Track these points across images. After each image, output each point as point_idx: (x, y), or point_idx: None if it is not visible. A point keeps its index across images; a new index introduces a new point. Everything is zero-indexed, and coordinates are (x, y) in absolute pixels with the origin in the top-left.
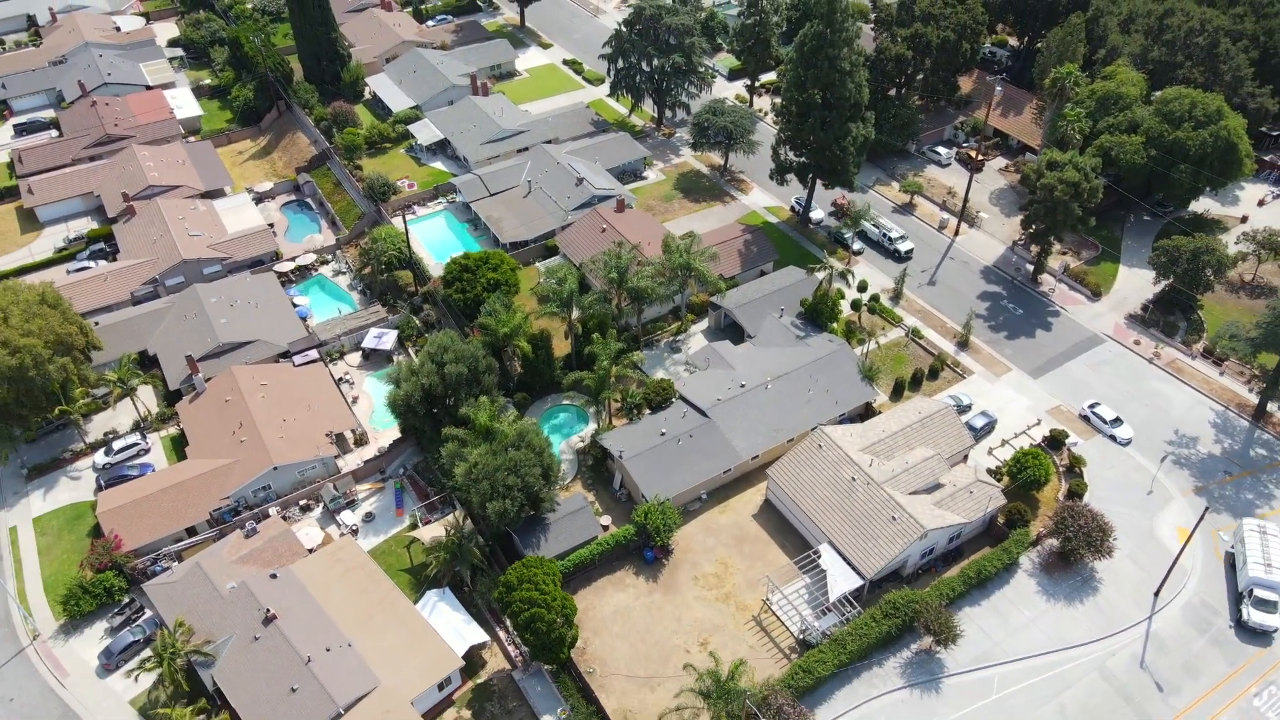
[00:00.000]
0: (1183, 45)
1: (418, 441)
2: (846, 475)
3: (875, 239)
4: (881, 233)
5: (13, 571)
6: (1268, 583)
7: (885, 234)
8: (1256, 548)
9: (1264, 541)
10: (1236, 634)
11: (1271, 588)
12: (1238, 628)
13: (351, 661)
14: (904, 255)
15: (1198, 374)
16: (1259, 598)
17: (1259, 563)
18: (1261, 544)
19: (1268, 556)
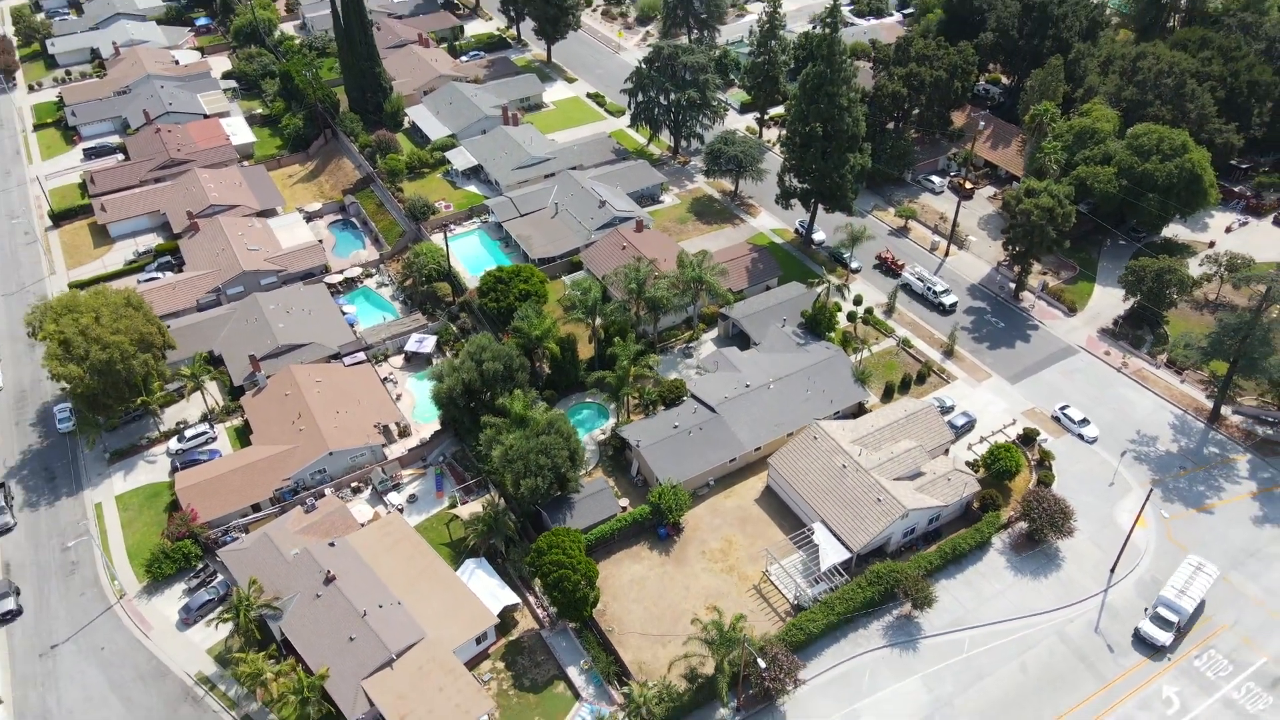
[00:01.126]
0: (1152, 85)
1: (456, 433)
2: (838, 463)
3: (920, 292)
4: (926, 286)
5: (99, 541)
6: (1174, 605)
7: (930, 287)
8: (1182, 576)
9: (1192, 575)
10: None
11: (1175, 610)
12: (1135, 638)
13: (401, 616)
14: (948, 308)
15: (1161, 381)
16: (1159, 614)
17: (1175, 587)
18: (1189, 575)
19: (1186, 586)
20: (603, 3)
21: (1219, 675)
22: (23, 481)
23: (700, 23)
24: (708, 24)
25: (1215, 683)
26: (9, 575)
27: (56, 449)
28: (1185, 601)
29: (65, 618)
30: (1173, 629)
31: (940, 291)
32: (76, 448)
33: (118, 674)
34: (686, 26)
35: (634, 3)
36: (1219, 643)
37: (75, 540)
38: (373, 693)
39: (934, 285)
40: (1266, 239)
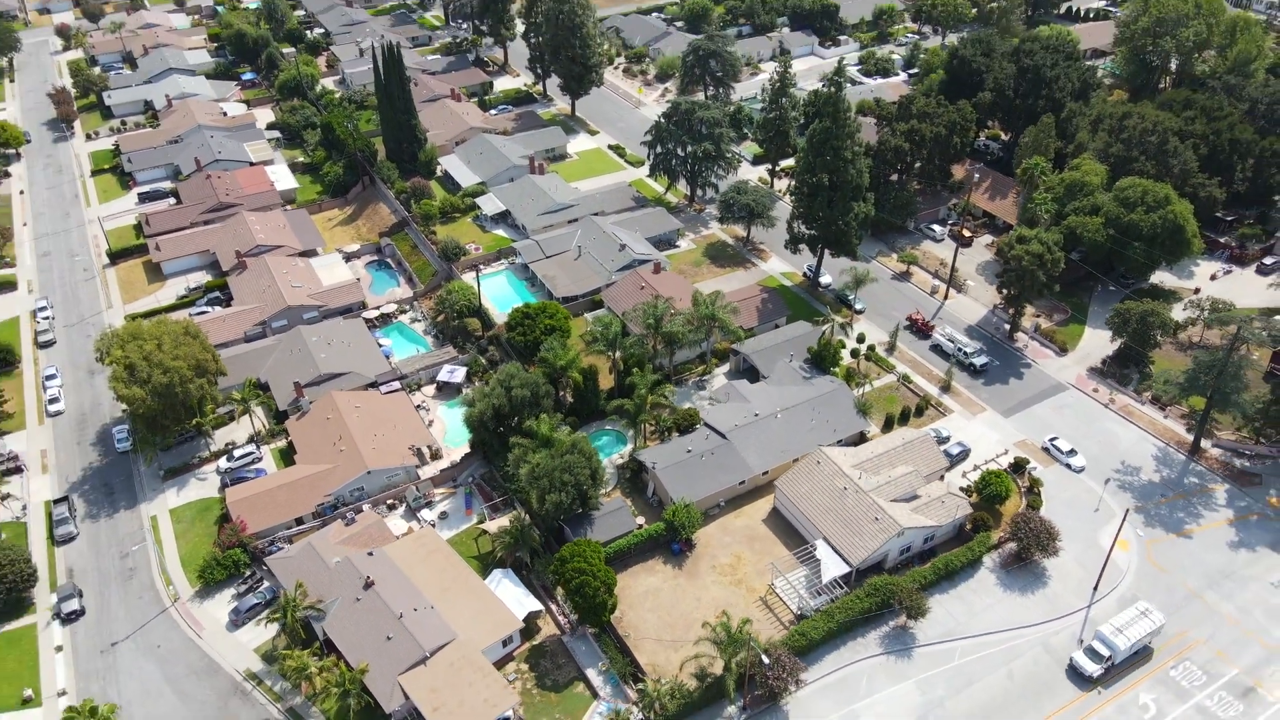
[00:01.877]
0: (1138, 142)
1: (484, 455)
2: (839, 485)
3: (950, 352)
4: (957, 347)
5: (155, 551)
6: (1108, 640)
7: (961, 349)
8: (1125, 617)
9: (1135, 618)
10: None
11: (1108, 645)
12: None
13: (434, 619)
14: (979, 369)
15: (1145, 416)
16: (1093, 647)
17: (1115, 625)
18: (1132, 618)
19: (1125, 626)
20: (624, 61)
21: (1193, 684)
22: (84, 495)
23: (716, 81)
24: (723, 82)
25: (1189, 691)
26: (73, 579)
27: (115, 466)
28: (1119, 640)
29: (124, 618)
30: (1103, 662)
31: (971, 353)
32: (133, 465)
33: (172, 669)
34: (703, 84)
35: (654, 61)
36: (1194, 655)
37: (135, 547)
38: (408, 687)
39: (965, 347)
40: (1249, 286)
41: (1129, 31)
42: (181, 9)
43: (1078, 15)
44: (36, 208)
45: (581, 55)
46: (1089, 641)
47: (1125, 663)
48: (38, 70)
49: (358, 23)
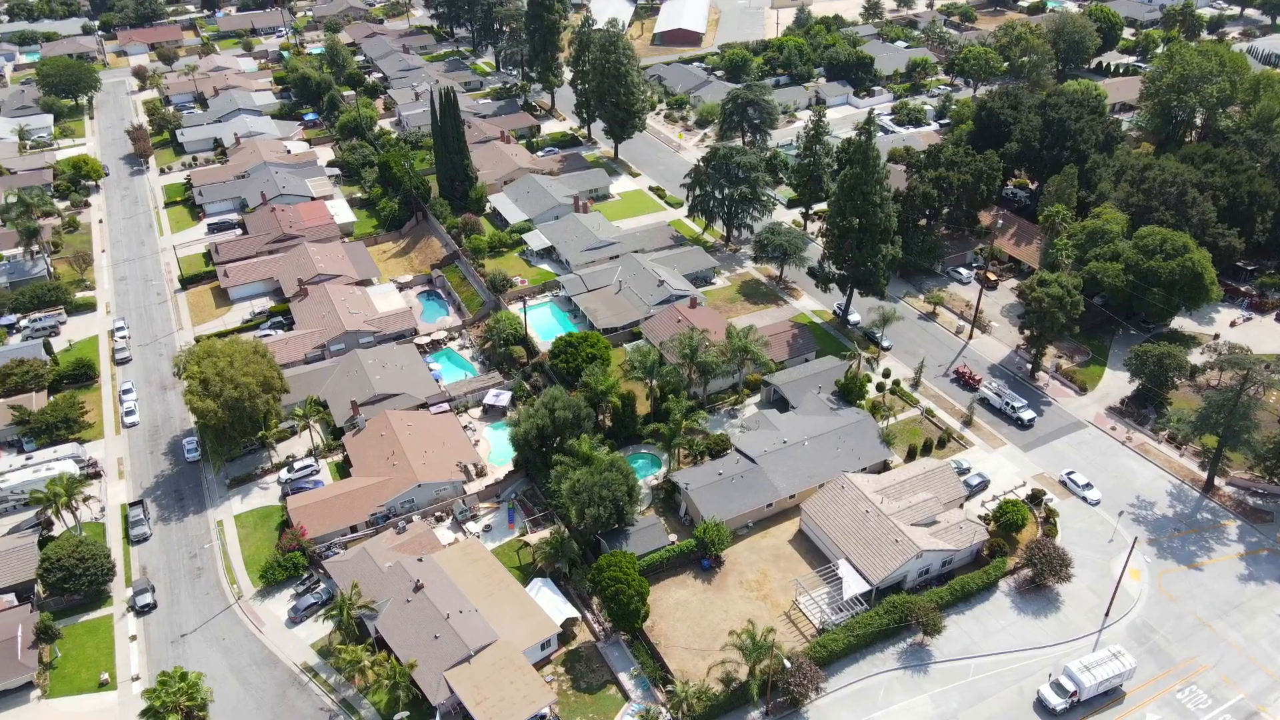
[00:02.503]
0: (1157, 193)
1: (527, 473)
2: (862, 509)
3: (998, 407)
4: (1005, 401)
5: (220, 552)
6: (1075, 676)
7: (1008, 403)
8: (1096, 657)
9: (1106, 659)
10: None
11: (1074, 681)
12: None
13: (478, 621)
14: (1026, 424)
15: (1161, 455)
16: (1059, 682)
17: (1082, 664)
18: (1102, 658)
19: (1092, 665)
20: (666, 107)
21: (1199, 707)
22: (157, 500)
23: (754, 127)
24: (760, 129)
25: (1195, 713)
26: (146, 575)
27: (185, 475)
28: (1085, 677)
29: (192, 612)
30: (1068, 697)
31: (1019, 407)
32: (201, 474)
33: (236, 660)
34: (741, 130)
35: (694, 108)
36: (1201, 680)
37: (205, 546)
38: (453, 682)
39: (1012, 401)
40: (1268, 334)
41: (1154, 87)
42: (249, 54)
43: (1107, 70)
44: (114, 236)
45: (625, 102)
46: (1056, 675)
47: (1095, 701)
48: (116, 108)
49: (414, 68)
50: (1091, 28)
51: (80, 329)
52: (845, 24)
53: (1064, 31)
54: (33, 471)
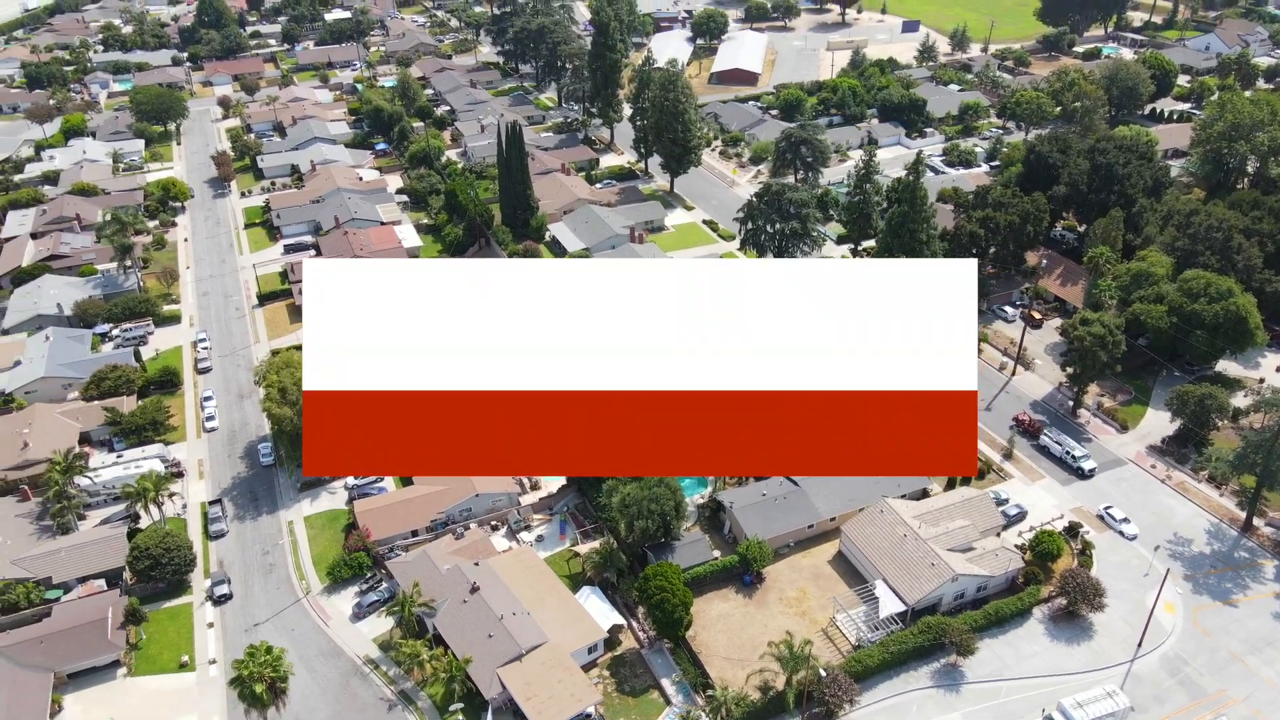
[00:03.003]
0: (1203, 238)
1: (579, 489)
2: (900, 533)
3: (1058, 455)
4: (1065, 450)
5: (291, 550)
6: (1067, 713)
7: (1069, 451)
8: (1088, 695)
9: (1099, 696)
10: None
11: (1066, 717)
12: None
13: (529, 623)
14: (1087, 473)
15: (1200, 493)
16: (1051, 717)
17: (1075, 700)
18: (1095, 695)
19: (1085, 702)
20: (721, 144)
21: None
22: (233, 500)
23: (806, 165)
24: (813, 167)
25: None
26: (223, 568)
27: (259, 478)
28: (1078, 714)
29: (265, 604)
30: None
31: (1079, 456)
32: (274, 477)
33: (304, 650)
34: (794, 168)
35: (748, 145)
36: (1231, 712)
37: (281, 542)
38: (506, 678)
39: (1072, 450)
40: None
41: (1206, 134)
42: (326, 85)
43: (1161, 116)
44: (198, 254)
45: (682, 138)
46: (1050, 711)
47: None
48: (201, 135)
49: (480, 102)
50: (1145, 75)
51: (166, 339)
52: (899, 67)
53: (1117, 78)
54: (123, 468)
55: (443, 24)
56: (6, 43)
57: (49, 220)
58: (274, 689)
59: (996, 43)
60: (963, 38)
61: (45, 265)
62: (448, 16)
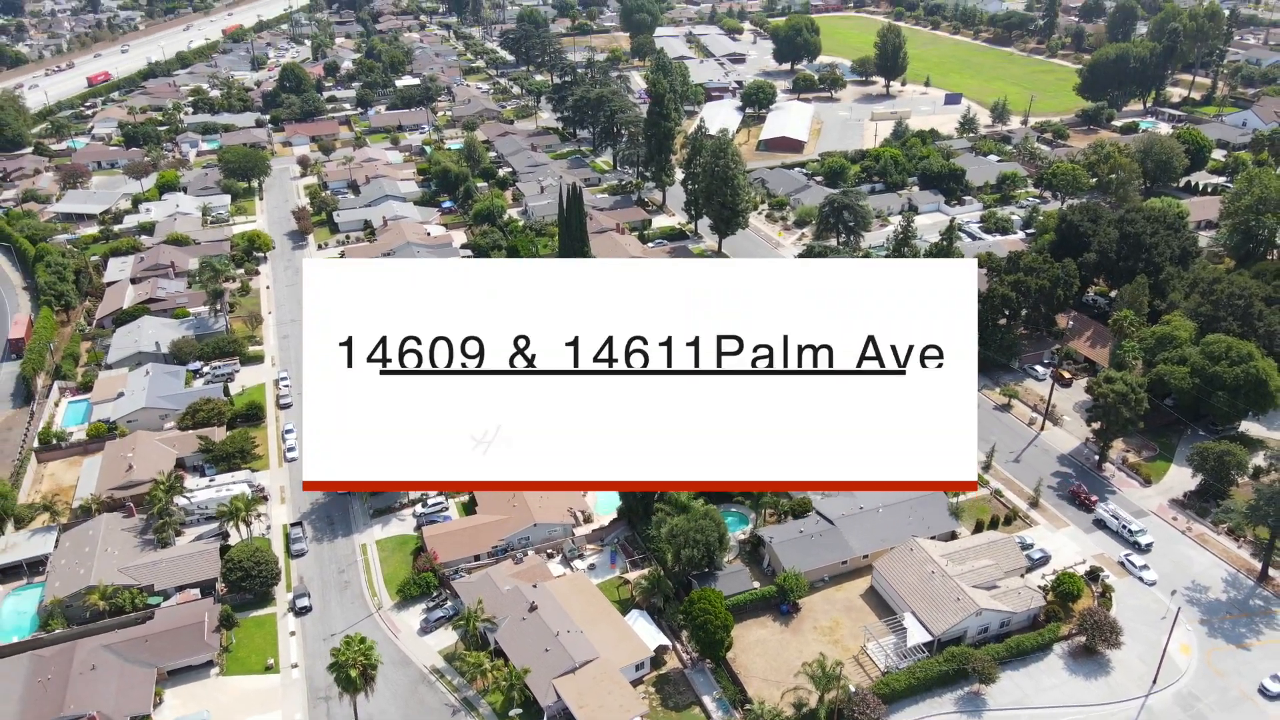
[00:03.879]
0: (1225, 304)
1: (629, 521)
2: (928, 570)
3: (1115, 529)
4: (1121, 524)
5: (364, 570)
6: None
7: (1125, 525)
8: None
9: None
10: None
11: None
12: None
13: (582, 640)
14: (1145, 548)
15: (1220, 545)
16: None
17: None
18: None
19: None
20: (767, 208)
21: None
22: (312, 523)
23: (848, 229)
24: (854, 230)
25: None
26: (303, 583)
27: (335, 504)
28: None
29: (340, 617)
30: None
31: (1136, 531)
32: (348, 504)
33: None
34: (836, 232)
35: (793, 210)
36: None
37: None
38: (560, 689)
39: (1129, 524)
40: None
41: (1234, 207)
42: (396, 147)
43: (1196, 189)
44: (279, 300)
45: (731, 201)
46: None
47: None
48: (281, 191)
49: (540, 165)
50: (1179, 149)
51: (251, 377)
52: (940, 137)
53: (1151, 152)
54: (214, 491)
55: (505, 91)
56: (105, 104)
57: (146, 267)
58: (365, 675)
59: (1036, 116)
60: (1003, 111)
61: (144, 307)
62: (510, 84)
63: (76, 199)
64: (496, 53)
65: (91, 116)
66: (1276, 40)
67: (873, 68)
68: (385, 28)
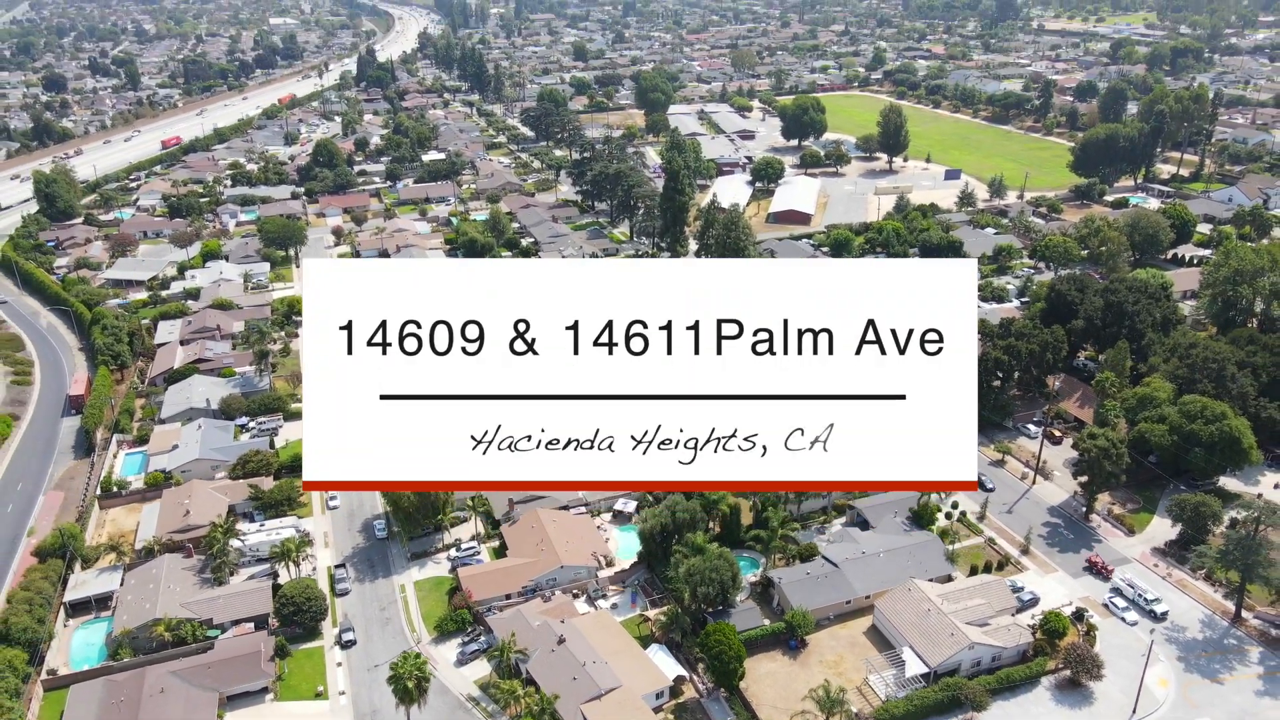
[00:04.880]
0: (1200, 367)
1: (648, 565)
2: (925, 608)
3: (1130, 598)
4: (1137, 593)
5: (403, 608)
6: None
7: (1141, 594)
8: None
9: None
10: None
11: None
12: None
13: (606, 670)
14: (1159, 616)
15: (1197, 589)
16: None
17: None
18: None
19: None
20: None
21: None
22: (354, 565)
23: None
24: None
25: None
26: (348, 619)
27: (375, 549)
28: None
29: (383, 650)
30: None
31: (1151, 600)
32: (387, 549)
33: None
34: None
35: None
36: None
37: (396, 599)
38: (588, 713)
39: (1145, 593)
40: None
41: (1213, 278)
42: (424, 218)
43: (1182, 261)
44: None
45: None
46: None
47: None
48: None
49: (561, 235)
50: (1164, 224)
51: (294, 432)
52: (940, 211)
53: (1139, 226)
54: (265, 535)
55: (526, 165)
56: (148, 177)
57: (193, 330)
58: (419, 686)
59: (1032, 191)
60: (1000, 186)
61: (193, 367)
62: (531, 159)
63: (126, 266)
64: (518, 129)
65: (136, 189)
66: (1263, 120)
67: (876, 144)
68: (411, 105)
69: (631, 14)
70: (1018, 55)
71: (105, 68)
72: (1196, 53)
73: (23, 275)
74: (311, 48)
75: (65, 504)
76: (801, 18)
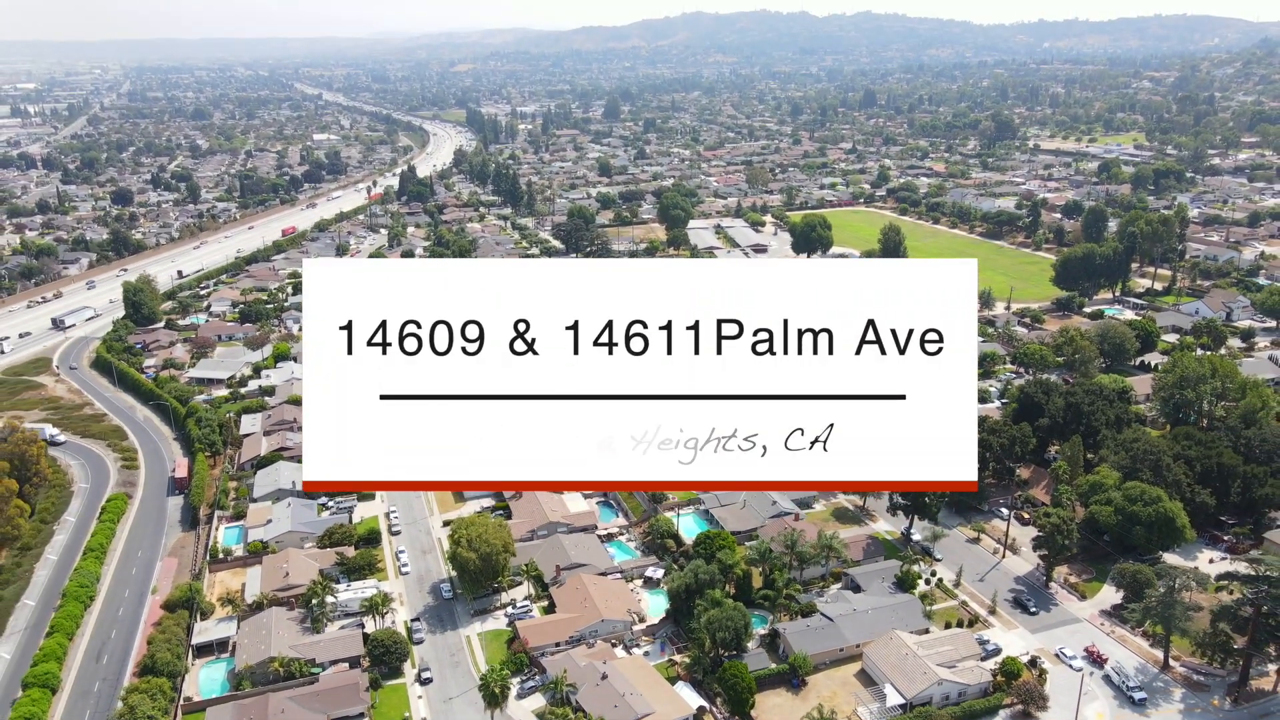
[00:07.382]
0: (1141, 458)
1: (675, 620)
2: (904, 653)
3: (1116, 684)
4: (1121, 679)
5: (469, 653)
6: None
7: (1125, 682)
8: None
9: None
10: None
11: None
12: None
13: (642, 700)
14: (1138, 702)
15: (1134, 642)
16: None
17: None
18: None
19: None
20: None
21: None
22: (426, 621)
23: None
24: None
25: None
26: (424, 662)
27: (443, 607)
28: None
29: (454, 687)
30: None
31: (1132, 687)
32: (453, 607)
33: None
34: None
35: None
36: None
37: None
38: None
39: (1128, 681)
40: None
41: (1163, 383)
42: None
43: (1148, 367)
44: None
45: None
46: None
47: None
48: None
49: None
50: (1130, 334)
51: (367, 510)
52: None
53: (1107, 336)
54: (352, 593)
55: None
56: (217, 285)
57: (273, 422)
58: (504, 692)
59: (1018, 302)
60: (988, 298)
61: (277, 454)
62: None
63: (207, 366)
64: (549, 241)
65: (208, 296)
66: (1236, 237)
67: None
68: (449, 218)
69: (652, 130)
70: (1013, 173)
71: (166, 182)
72: (1178, 174)
73: (119, 374)
74: (354, 162)
75: (179, 568)
76: (812, 135)
